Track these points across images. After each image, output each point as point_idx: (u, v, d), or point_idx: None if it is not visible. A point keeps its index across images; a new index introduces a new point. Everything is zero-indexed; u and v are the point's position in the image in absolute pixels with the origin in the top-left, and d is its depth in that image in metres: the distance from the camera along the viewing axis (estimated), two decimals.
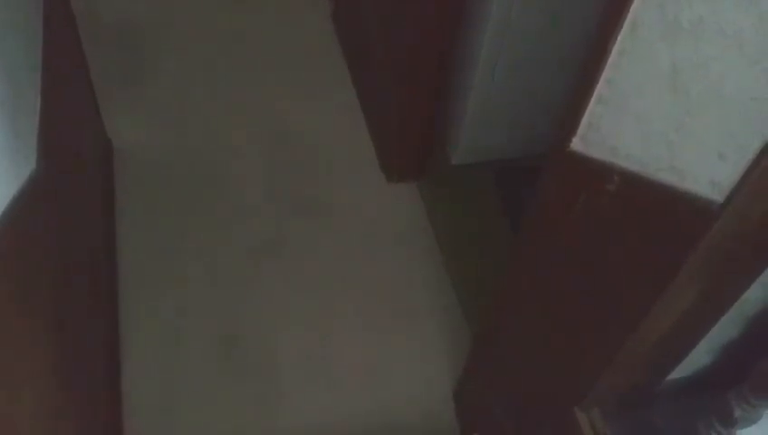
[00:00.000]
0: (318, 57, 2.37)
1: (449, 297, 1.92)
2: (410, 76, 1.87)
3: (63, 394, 1.23)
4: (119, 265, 1.88)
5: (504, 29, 1.71)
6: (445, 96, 1.96)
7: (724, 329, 1.06)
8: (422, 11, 1.71)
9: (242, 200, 2.05)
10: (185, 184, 2.06)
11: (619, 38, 0.81)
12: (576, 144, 0.93)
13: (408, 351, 1.83)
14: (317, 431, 1.70)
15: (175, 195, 2.04)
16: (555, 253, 1.08)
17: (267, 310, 1.86)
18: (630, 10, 0.77)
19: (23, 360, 1.03)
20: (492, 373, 1.50)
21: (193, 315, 1.83)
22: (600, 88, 0.87)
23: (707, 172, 0.80)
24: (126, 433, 1.65)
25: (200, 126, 2.18)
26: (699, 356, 1.11)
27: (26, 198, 1.05)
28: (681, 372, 1.14)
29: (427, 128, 2.00)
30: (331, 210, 2.05)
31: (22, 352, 1.03)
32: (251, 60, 2.34)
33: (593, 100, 0.88)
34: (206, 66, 2.31)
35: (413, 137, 2.02)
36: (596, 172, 0.92)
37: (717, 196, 0.79)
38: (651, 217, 0.89)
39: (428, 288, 1.93)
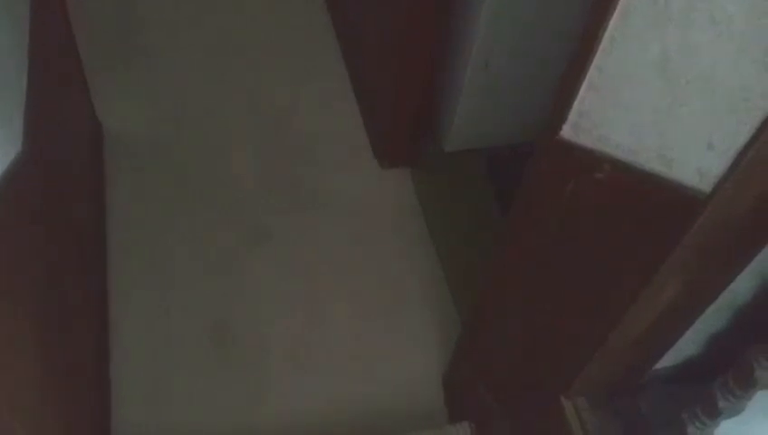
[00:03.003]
0: (312, 42, 2.35)
1: (440, 285, 1.92)
2: (403, 62, 1.85)
3: (49, 381, 1.23)
4: (108, 249, 1.88)
5: (498, 16, 1.70)
6: (438, 83, 1.95)
7: (713, 319, 1.06)
8: None
9: (234, 186, 2.04)
10: (176, 169, 2.05)
11: (609, 25, 0.80)
12: (566, 132, 0.93)
13: (397, 338, 1.83)
14: (306, 418, 1.70)
15: (166, 180, 2.03)
16: (542, 240, 1.08)
17: (258, 297, 1.85)
18: None
19: (5, 346, 1.02)
20: (480, 361, 1.51)
21: (183, 301, 1.83)
22: (591, 75, 0.86)
23: (696, 161, 0.80)
24: (114, 420, 1.65)
25: (192, 110, 2.17)
26: (687, 346, 1.11)
27: (12, 181, 1.04)
28: (668, 361, 1.14)
29: (421, 114, 1.99)
30: (324, 196, 2.04)
31: (4, 338, 1.02)
32: (245, 44, 2.32)
33: (584, 87, 0.88)
34: (200, 49, 2.29)
35: (406, 123, 2.01)
36: (585, 160, 0.92)
37: (705, 185, 0.79)
38: (639, 205, 0.89)
39: (419, 275, 1.93)
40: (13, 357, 1.06)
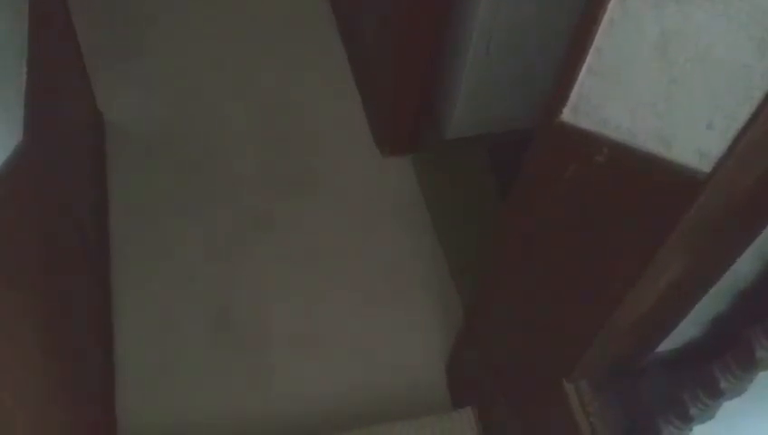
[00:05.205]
0: (313, 30, 2.34)
1: (441, 271, 1.92)
2: (404, 50, 1.85)
3: (53, 370, 1.23)
4: (110, 239, 1.88)
5: (498, 2, 1.69)
6: (439, 69, 1.94)
7: (714, 302, 1.06)
8: None
9: (235, 174, 2.04)
10: (178, 157, 2.05)
11: (608, 6, 0.80)
12: (566, 115, 0.92)
13: (400, 324, 1.84)
14: (308, 404, 1.71)
15: (168, 169, 2.03)
16: (543, 224, 1.08)
17: (259, 283, 1.86)
18: None
19: (7, 339, 1.02)
20: (482, 346, 1.51)
21: (185, 289, 1.83)
22: (590, 58, 0.86)
23: (695, 142, 0.79)
24: (118, 407, 1.66)
25: (193, 99, 2.17)
26: (688, 329, 1.11)
27: (12, 171, 1.04)
28: (669, 344, 1.15)
29: (422, 101, 1.99)
30: (325, 184, 2.04)
31: (6, 331, 1.02)
32: (246, 33, 2.31)
33: (583, 70, 0.87)
34: (200, 39, 2.29)
35: (407, 111, 2.01)
36: (585, 143, 0.91)
37: (705, 166, 0.79)
38: (639, 187, 0.89)
39: (421, 262, 1.93)
40: (15, 347, 1.06)
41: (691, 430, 0.99)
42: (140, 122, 2.10)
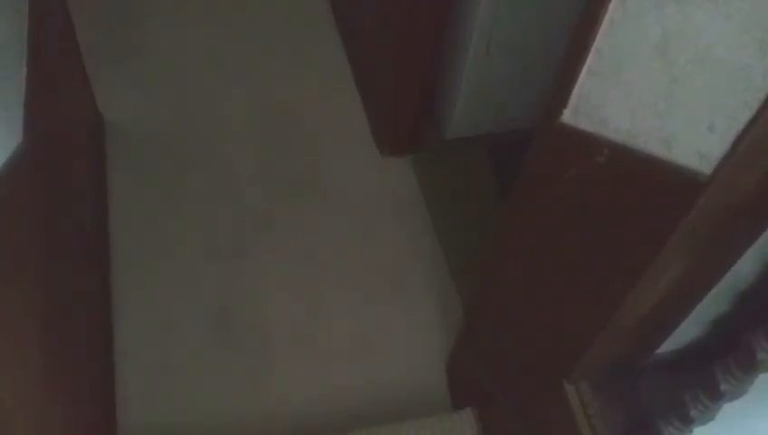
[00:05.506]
0: (313, 30, 2.34)
1: (442, 271, 1.92)
2: (404, 51, 1.85)
3: (53, 369, 1.23)
4: (111, 239, 1.88)
5: (498, 2, 1.69)
6: (439, 69, 1.94)
7: (715, 303, 1.06)
8: None
9: (235, 174, 2.04)
10: (178, 158, 2.05)
11: (609, 7, 0.80)
12: (566, 116, 0.92)
13: (400, 324, 1.84)
14: (308, 404, 1.71)
15: (168, 169, 2.03)
16: (543, 225, 1.08)
17: (259, 283, 1.86)
18: None
19: (7, 339, 1.02)
20: (483, 347, 1.51)
21: (186, 289, 1.83)
22: (591, 59, 0.86)
23: (696, 143, 0.79)
24: (118, 408, 1.66)
25: (193, 100, 2.17)
26: (689, 330, 1.11)
27: (12, 171, 1.04)
28: (670, 345, 1.14)
29: (422, 101, 1.99)
30: (325, 184, 2.04)
31: (6, 332, 1.02)
32: (246, 33, 2.31)
33: (584, 71, 0.87)
34: (200, 40, 2.29)
35: (407, 111, 2.01)
36: (585, 144, 0.91)
37: (705, 167, 0.79)
38: (639, 189, 0.89)
39: (421, 262, 1.93)
40: (15, 347, 1.06)
41: (691, 431, 0.99)
42: (140, 122, 2.10)
